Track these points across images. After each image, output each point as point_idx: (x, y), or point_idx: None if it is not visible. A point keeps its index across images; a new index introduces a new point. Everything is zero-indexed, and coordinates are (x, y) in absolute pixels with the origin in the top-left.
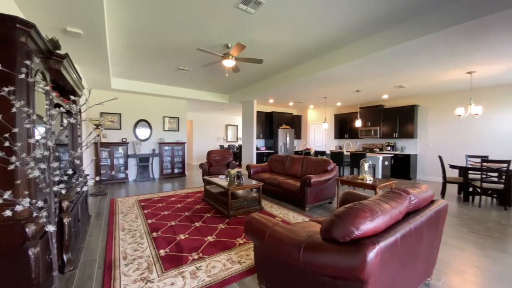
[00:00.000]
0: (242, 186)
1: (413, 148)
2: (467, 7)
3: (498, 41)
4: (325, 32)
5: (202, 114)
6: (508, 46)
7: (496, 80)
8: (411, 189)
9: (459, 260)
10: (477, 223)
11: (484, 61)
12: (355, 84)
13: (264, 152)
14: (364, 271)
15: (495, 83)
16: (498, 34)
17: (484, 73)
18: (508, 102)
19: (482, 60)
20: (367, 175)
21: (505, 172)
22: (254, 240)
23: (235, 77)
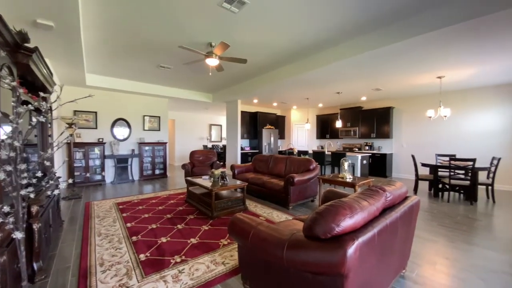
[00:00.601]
0: (226, 187)
1: (389, 148)
2: (436, 17)
3: (465, 49)
4: (307, 35)
5: (185, 113)
6: (473, 53)
7: (463, 84)
8: (387, 186)
9: (431, 252)
10: (446, 217)
11: (452, 67)
12: (335, 86)
13: (248, 152)
14: (344, 266)
15: (462, 88)
16: (464, 42)
17: (452, 78)
18: (473, 105)
19: (450, 66)
20: (347, 173)
21: (470, 170)
22: (238, 241)
23: (219, 76)
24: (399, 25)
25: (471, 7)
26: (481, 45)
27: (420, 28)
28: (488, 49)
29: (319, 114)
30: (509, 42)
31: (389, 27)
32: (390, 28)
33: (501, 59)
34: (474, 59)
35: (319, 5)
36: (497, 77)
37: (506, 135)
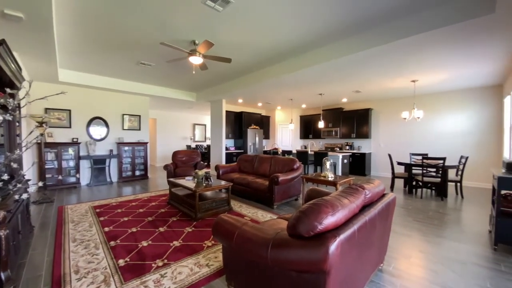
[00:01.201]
0: (210, 187)
1: (368, 147)
2: (411, 23)
3: (436, 55)
4: (291, 37)
5: (167, 112)
6: (444, 59)
7: (434, 88)
8: (366, 184)
9: (406, 246)
10: (420, 212)
11: (425, 71)
12: (318, 88)
13: (233, 152)
14: (326, 262)
15: (433, 91)
16: (437, 48)
17: (425, 82)
18: (444, 108)
19: (423, 71)
20: (329, 172)
21: (441, 168)
22: (223, 242)
23: (203, 75)
24: (378, 30)
25: (443, 15)
26: (452, 52)
27: (397, 34)
28: (457, 56)
29: (302, 114)
30: (476, 49)
31: (369, 32)
32: (369, 33)
33: (469, 66)
34: (445, 65)
35: (302, 8)
36: (465, 82)
37: (472, 136)
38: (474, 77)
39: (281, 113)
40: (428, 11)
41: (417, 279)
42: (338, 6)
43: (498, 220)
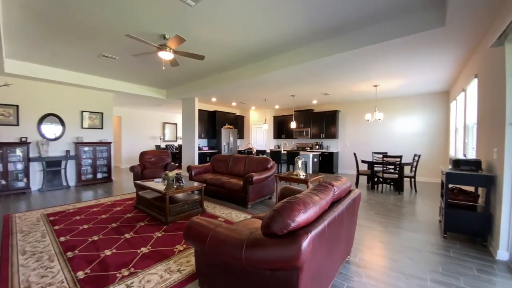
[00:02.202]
0: (182, 189)
1: (336, 147)
2: (372, 33)
3: (395, 62)
4: (264, 38)
5: (134, 110)
6: (401, 67)
7: (393, 93)
8: (334, 181)
9: (369, 237)
10: (380, 206)
11: (385, 77)
12: (290, 89)
13: (207, 152)
14: (299, 259)
15: (393, 95)
16: (395, 56)
17: (385, 87)
18: (401, 111)
19: (384, 77)
20: (300, 171)
21: (398, 165)
22: (195, 245)
23: (174, 72)
24: (343, 38)
25: (399, 27)
26: (408, 61)
27: (360, 42)
28: (413, 64)
29: (275, 115)
30: (429, 59)
31: (336, 39)
32: (336, 40)
33: (423, 73)
34: (402, 72)
35: (274, 12)
36: (419, 88)
37: (424, 136)
38: (427, 84)
39: (256, 113)
40: (387, 22)
41: (379, 268)
42: (307, 12)
43: (446, 211)
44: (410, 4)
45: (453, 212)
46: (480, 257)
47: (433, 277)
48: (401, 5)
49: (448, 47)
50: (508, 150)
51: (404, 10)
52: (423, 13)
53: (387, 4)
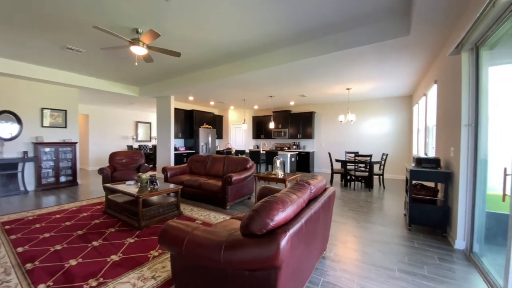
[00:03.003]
0: (156, 192)
1: (312, 147)
2: (344, 39)
3: (365, 67)
4: (243, 39)
5: (103, 108)
6: (371, 72)
7: (364, 96)
8: (311, 180)
9: (343, 232)
10: (353, 202)
11: (357, 81)
12: (269, 90)
13: (183, 152)
14: (278, 258)
15: (364, 98)
16: (365, 62)
17: (357, 90)
18: (371, 113)
19: (356, 80)
20: (279, 170)
21: (368, 163)
22: (171, 250)
23: (148, 68)
24: (319, 41)
25: (369, 34)
26: (377, 66)
27: (333, 47)
28: (381, 70)
29: (254, 115)
30: (395, 65)
31: (312, 42)
32: (312, 43)
33: (390, 78)
34: (372, 77)
35: (252, 12)
36: (387, 92)
37: (392, 136)
38: (394, 88)
39: (234, 113)
40: (359, 29)
41: (352, 261)
42: (284, 15)
43: (410, 205)
44: (379, 14)
45: (416, 206)
46: (441, 247)
47: (400, 268)
48: (370, 14)
49: (412, 54)
50: (463, 149)
51: (374, 18)
52: (390, 22)
53: (358, 13)
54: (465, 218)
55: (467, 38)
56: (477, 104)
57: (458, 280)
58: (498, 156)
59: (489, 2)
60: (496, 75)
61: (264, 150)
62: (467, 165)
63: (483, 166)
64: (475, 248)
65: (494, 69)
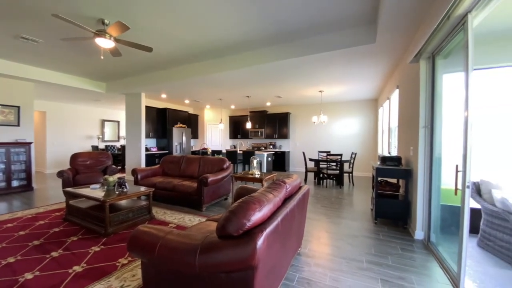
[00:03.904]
0: (125, 195)
1: (287, 146)
2: (317, 43)
3: (336, 71)
4: (219, 37)
5: (64, 105)
6: (341, 75)
7: (335, 98)
8: (287, 179)
9: (316, 228)
10: (325, 199)
11: (328, 84)
12: (246, 90)
13: (156, 153)
14: (255, 258)
15: (335, 100)
16: (336, 66)
17: (329, 93)
18: (342, 114)
19: (328, 83)
20: (256, 170)
21: (339, 162)
22: (142, 257)
23: (115, 62)
24: (294, 44)
25: (339, 40)
26: (346, 70)
27: (307, 51)
28: (350, 74)
29: (231, 115)
30: (363, 70)
31: (287, 45)
32: (287, 45)
33: (358, 83)
34: (342, 80)
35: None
36: (357, 95)
37: (360, 137)
38: (362, 92)
39: (211, 112)
40: (329, 35)
41: (325, 256)
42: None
43: (376, 200)
44: (349, 21)
45: (381, 201)
46: (403, 238)
47: (368, 259)
48: (341, 21)
49: (377, 61)
50: (421, 148)
51: (345, 25)
52: (359, 30)
53: (330, 19)
54: (423, 211)
55: (425, 48)
56: (432, 108)
57: (418, 268)
58: (451, 154)
59: (445, 15)
60: (449, 82)
61: (241, 150)
62: (424, 163)
63: (438, 164)
64: (432, 238)
65: (447, 76)
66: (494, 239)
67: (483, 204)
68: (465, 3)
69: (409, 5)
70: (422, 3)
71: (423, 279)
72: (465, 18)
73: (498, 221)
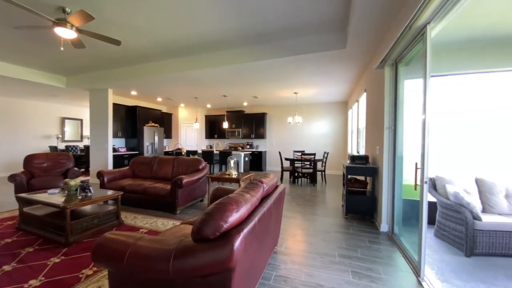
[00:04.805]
0: (89, 200)
1: (264, 146)
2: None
3: (310, 73)
4: (196, 33)
5: (15, 100)
6: (315, 78)
7: (309, 100)
8: (264, 178)
9: (291, 226)
10: (300, 197)
11: (303, 86)
12: (222, 89)
13: (124, 154)
14: (232, 259)
15: (309, 102)
16: (309, 69)
17: (303, 94)
18: (315, 115)
19: (302, 85)
20: (233, 170)
21: (312, 161)
22: (109, 266)
23: (79, 55)
24: (269, 45)
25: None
26: (319, 73)
27: (282, 53)
28: (323, 77)
29: (207, 114)
30: (335, 74)
31: (263, 46)
32: (263, 46)
33: (330, 85)
34: (315, 83)
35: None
36: (329, 97)
37: (332, 137)
38: (333, 94)
39: (185, 111)
40: (303, 38)
41: (300, 252)
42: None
43: (347, 197)
44: (323, 26)
45: (351, 197)
46: (370, 231)
47: (340, 253)
48: (315, 26)
49: (348, 65)
50: (385, 147)
51: (318, 30)
52: (331, 35)
53: (303, 23)
54: (387, 205)
55: (389, 55)
56: (395, 110)
57: (384, 258)
58: (411, 153)
59: (407, 26)
60: (410, 87)
61: (217, 150)
62: (388, 161)
63: (400, 162)
64: (395, 230)
65: (408, 82)
66: (449, 229)
67: (438, 197)
68: (424, 15)
69: (377, 15)
70: (388, 15)
71: (388, 269)
72: (424, 29)
73: (451, 212)
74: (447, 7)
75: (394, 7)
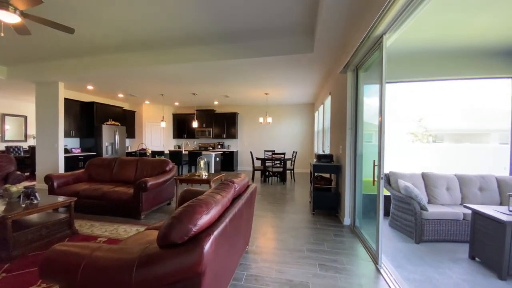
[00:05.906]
0: (35, 208)
1: (235, 146)
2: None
3: (279, 75)
4: (161, 27)
5: None
6: (284, 80)
7: (279, 101)
8: (235, 179)
9: (263, 225)
10: (271, 196)
11: (273, 87)
12: (190, 87)
13: (79, 155)
14: (201, 263)
15: (279, 103)
16: (279, 70)
17: (274, 96)
18: (285, 116)
19: (272, 86)
20: (203, 171)
21: (282, 160)
22: (60, 283)
23: (23, 43)
24: (237, 45)
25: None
26: (288, 76)
27: (252, 53)
28: (291, 79)
29: (175, 112)
30: (302, 76)
31: (231, 45)
32: (231, 45)
33: (300, 87)
34: (285, 85)
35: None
36: (297, 99)
37: (300, 137)
38: (301, 96)
39: (150, 108)
40: (272, 40)
41: (271, 250)
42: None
43: (313, 194)
44: (290, 30)
45: (317, 194)
46: (335, 225)
47: (308, 248)
48: (281, 29)
49: (315, 69)
50: (348, 146)
51: (286, 33)
52: (300, 39)
53: (271, 26)
54: (349, 200)
55: (351, 61)
56: (356, 112)
57: (347, 249)
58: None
59: (366, 35)
60: (367, 91)
61: (186, 151)
62: (350, 159)
63: (360, 160)
64: (356, 223)
65: (367, 86)
66: (400, 219)
67: (391, 191)
68: (381, 26)
69: (341, 23)
70: (351, 23)
71: (351, 259)
72: (381, 38)
73: (402, 204)
74: (400, 19)
75: (356, 17)
